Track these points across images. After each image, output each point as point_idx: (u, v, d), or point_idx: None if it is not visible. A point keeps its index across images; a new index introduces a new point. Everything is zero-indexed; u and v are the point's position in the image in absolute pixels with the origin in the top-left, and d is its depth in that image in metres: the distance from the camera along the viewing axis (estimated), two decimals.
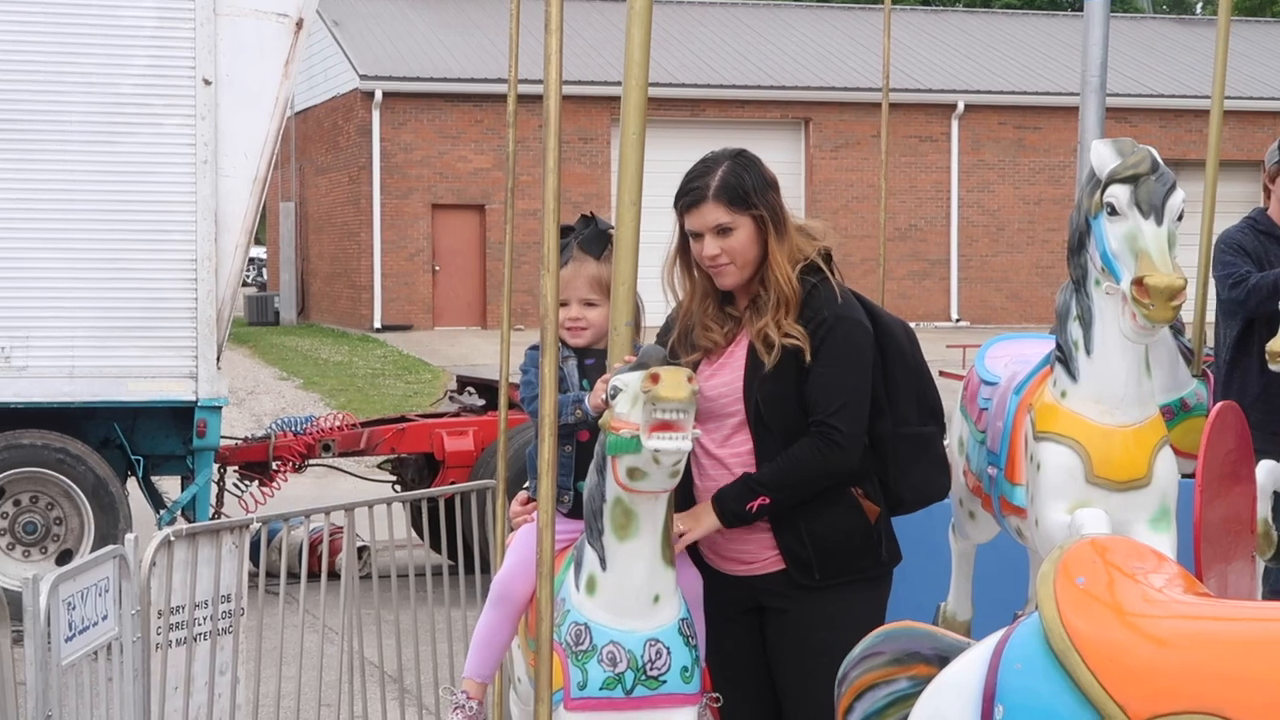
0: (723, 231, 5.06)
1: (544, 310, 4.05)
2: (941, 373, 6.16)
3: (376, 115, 33.77)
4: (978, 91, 36.52)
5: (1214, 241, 7.57)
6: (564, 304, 5.05)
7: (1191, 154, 31.48)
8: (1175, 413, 6.98)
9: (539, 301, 4.09)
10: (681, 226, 5.17)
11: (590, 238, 5.21)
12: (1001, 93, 36.64)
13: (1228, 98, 8.10)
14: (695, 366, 5.10)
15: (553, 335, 4.11)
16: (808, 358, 5.01)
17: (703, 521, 5.03)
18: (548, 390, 4.13)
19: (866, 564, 5.17)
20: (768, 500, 5.01)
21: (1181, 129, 35.94)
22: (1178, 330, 7.35)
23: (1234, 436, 5.68)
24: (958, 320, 35.92)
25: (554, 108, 3.94)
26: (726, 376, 5.11)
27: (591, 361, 5.12)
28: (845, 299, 5.12)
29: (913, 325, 5.46)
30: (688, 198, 5.10)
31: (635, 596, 4.77)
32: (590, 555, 4.81)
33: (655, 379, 4.45)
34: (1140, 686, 3.38)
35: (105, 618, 6.03)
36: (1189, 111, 36.05)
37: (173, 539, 6.67)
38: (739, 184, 5.06)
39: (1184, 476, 5.42)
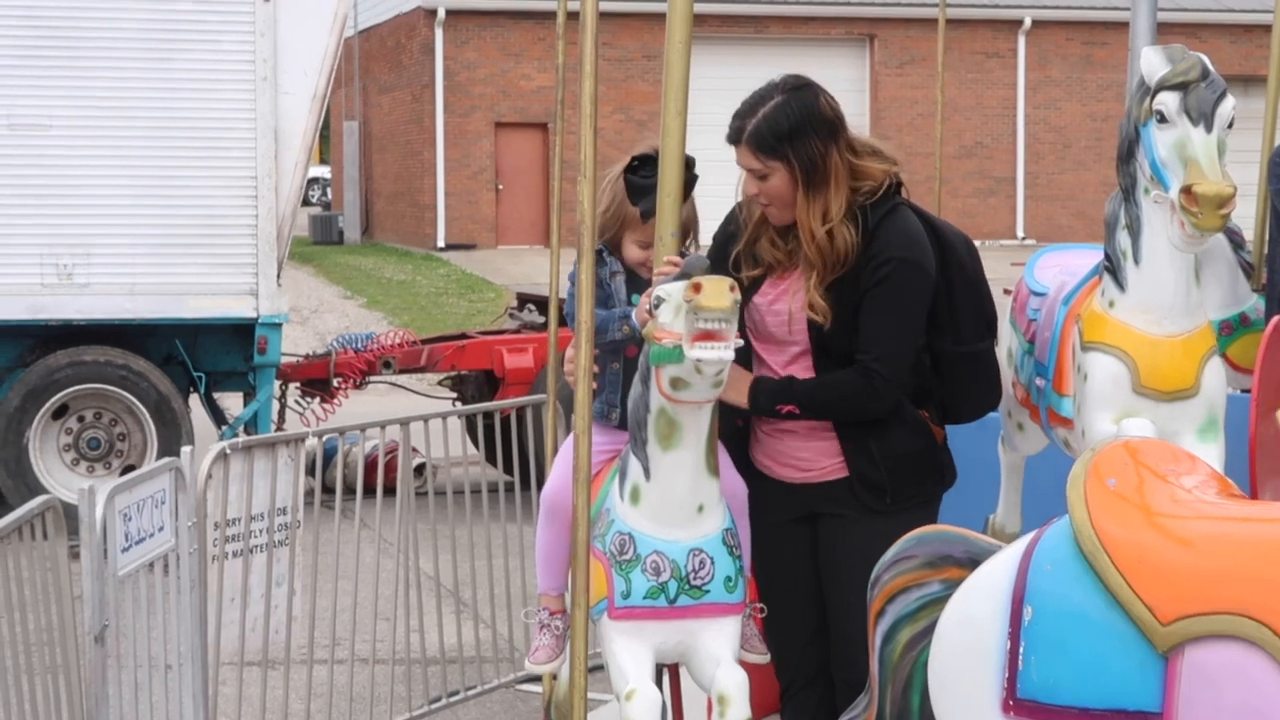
0: (758, 175, 5.02)
1: (581, 216, 4.06)
2: (1005, 290, 6.14)
3: (439, 33, 33.72)
4: (1045, 6, 36.12)
5: (1271, 156, 7.48)
6: (649, 246, 4.98)
7: (1263, 70, 30.94)
8: (1235, 328, 6.91)
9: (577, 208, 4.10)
10: None
11: None
12: (1069, 8, 36.23)
13: None
14: (757, 283, 5.09)
15: (589, 242, 4.12)
16: (827, 323, 4.97)
17: (730, 390, 4.85)
18: (584, 297, 4.13)
19: (930, 486, 5.18)
20: (796, 410, 5.00)
21: (1253, 44, 35.37)
22: (1238, 244, 7.27)
23: None
24: (1023, 238, 35.68)
25: (590, 12, 3.93)
26: (787, 304, 5.08)
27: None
28: (912, 238, 5.01)
29: (978, 243, 5.41)
30: (729, 134, 5.04)
31: (679, 506, 4.78)
32: (634, 465, 4.81)
33: (697, 288, 4.43)
34: (1168, 588, 3.38)
35: (161, 529, 6.06)
36: (1260, 26, 35.50)
37: (229, 452, 6.70)
38: (773, 130, 4.93)
39: (1243, 391, 5.38)
